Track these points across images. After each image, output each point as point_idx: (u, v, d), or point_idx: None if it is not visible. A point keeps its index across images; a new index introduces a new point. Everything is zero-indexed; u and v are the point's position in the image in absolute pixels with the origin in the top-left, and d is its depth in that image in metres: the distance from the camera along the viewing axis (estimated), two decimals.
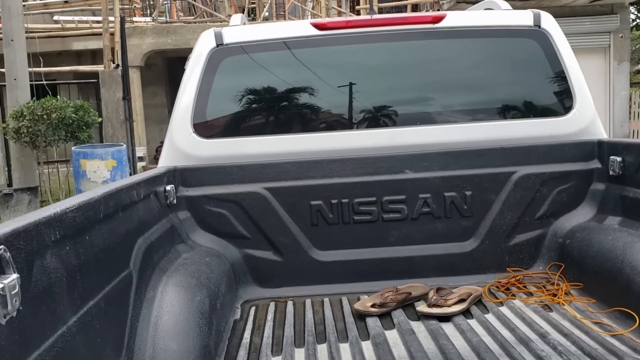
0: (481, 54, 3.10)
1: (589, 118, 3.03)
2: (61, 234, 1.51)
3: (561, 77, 3.01)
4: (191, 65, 3.00)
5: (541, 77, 3.04)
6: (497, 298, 2.71)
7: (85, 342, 1.57)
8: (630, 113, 13.12)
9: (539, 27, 3.02)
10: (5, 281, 1.18)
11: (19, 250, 1.28)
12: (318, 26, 2.99)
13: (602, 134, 3.05)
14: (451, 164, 2.95)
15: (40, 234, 1.40)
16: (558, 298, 2.62)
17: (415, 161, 2.94)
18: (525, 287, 2.81)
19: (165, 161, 3.00)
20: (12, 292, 1.19)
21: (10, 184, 9.82)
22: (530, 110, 3.05)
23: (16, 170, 9.23)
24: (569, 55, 3.02)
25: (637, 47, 21.47)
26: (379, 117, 3.06)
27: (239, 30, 3.07)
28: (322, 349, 2.30)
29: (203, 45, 3.01)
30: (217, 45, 2.98)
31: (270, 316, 2.65)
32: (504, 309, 2.58)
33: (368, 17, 3.10)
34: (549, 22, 3.05)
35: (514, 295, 2.73)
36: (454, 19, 3.02)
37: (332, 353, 2.24)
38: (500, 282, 2.85)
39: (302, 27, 3.02)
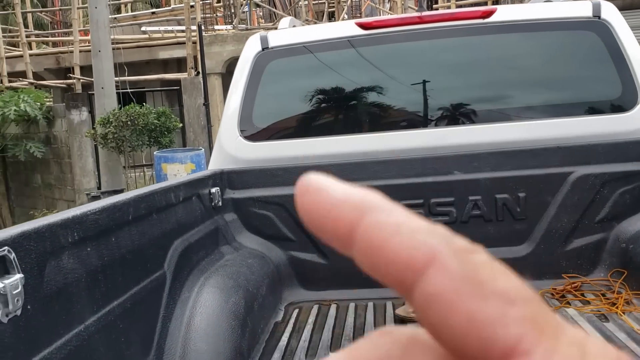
0: (535, 49, 2.95)
1: None
2: (81, 236, 1.57)
3: (625, 70, 2.80)
4: (239, 69, 3.05)
5: (602, 71, 2.85)
6: (550, 306, 2.56)
7: (105, 341, 1.62)
8: None
9: (599, 17, 2.83)
10: (7, 281, 1.23)
11: (28, 251, 1.33)
12: (363, 26, 2.95)
13: None
14: (503, 165, 2.82)
15: (55, 235, 1.46)
16: (616, 307, 2.44)
17: (464, 162, 2.84)
18: (582, 294, 2.64)
19: (214, 164, 3.06)
20: (14, 292, 1.24)
21: (99, 187, 10.40)
22: (590, 106, 2.86)
23: (104, 174, 9.75)
24: (633, 47, 2.81)
25: None
26: (427, 117, 2.98)
27: (284, 34, 3.09)
28: None
29: (249, 50, 3.04)
30: (263, 49, 3.01)
31: (311, 319, 2.64)
32: None
33: (417, 14, 3.02)
34: (610, 12, 2.85)
35: (568, 303, 2.57)
36: (505, 12, 2.89)
37: None
38: (555, 289, 2.70)
39: (347, 28, 2.99)
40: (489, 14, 2.87)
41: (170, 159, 8.83)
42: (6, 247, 1.26)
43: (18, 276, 1.26)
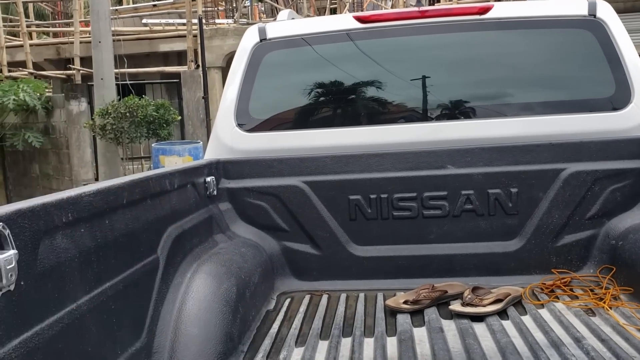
0: (531, 46, 2.97)
1: None
2: (75, 217, 1.59)
3: (618, 69, 2.83)
4: (236, 60, 3.07)
5: (596, 70, 2.88)
6: (539, 300, 2.59)
7: (96, 321, 1.64)
8: None
9: (594, 16, 2.86)
10: (1, 256, 1.25)
11: (22, 228, 1.35)
12: (361, 19, 2.97)
13: None
14: (496, 160, 2.84)
15: (49, 214, 1.48)
16: (604, 302, 2.47)
17: (457, 156, 2.86)
18: (571, 290, 2.67)
19: (210, 154, 3.08)
20: (8, 267, 1.26)
21: (97, 179, 10.41)
22: (584, 104, 2.89)
23: (102, 165, 9.76)
24: (628, 46, 2.84)
25: None
26: (422, 111, 3.00)
27: (282, 25, 3.11)
28: (345, 343, 2.28)
29: (247, 41, 3.07)
30: (261, 40, 3.03)
31: (302, 308, 2.66)
32: (543, 312, 2.46)
33: (415, 9, 3.04)
34: (605, 11, 2.88)
35: (557, 297, 2.60)
36: (502, 9, 2.91)
37: (355, 347, 2.22)
38: (544, 283, 2.72)
39: (344, 21, 3.01)
40: (486, 10, 2.89)
41: (168, 152, 8.85)
42: (1, 223, 1.28)
43: (12, 252, 1.28)
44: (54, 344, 1.40)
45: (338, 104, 3.09)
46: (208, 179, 2.77)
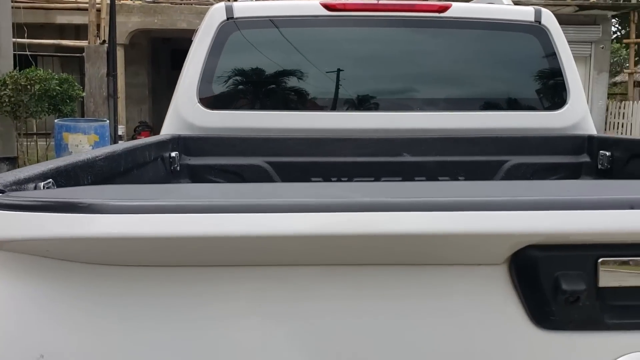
0: (482, 46, 3.19)
1: (581, 114, 3.14)
2: (90, 182, 1.56)
3: (557, 73, 3.12)
4: (200, 36, 3.03)
5: (538, 72, 3.15)
6: None
7: None
8: (606, 123, 13.46)
9: (539, 23, 3.13)
10: None
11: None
12: (327, 6, 3.04)
13: (592, 129, 3.18)
14: (447, 150, 3.03)
15: (77, 177, 1.44)
16: None
17: (413, 145, 3.02)
18: None
19: (168, 129, 3.02)
20: None
21: None
22: (526, 102, 3.16)
23: None
24: (566, 53, 3.13)
25: (615, 59, 21.95)
26: (380, 100, 3.14)
27: (248, 6, 3.12)
28: None
29: (213, 17, 3.04)
30: (227, 19, 3.02)
31: None
32: None
33: (375, 1, 3.16)
34: (549, 19, 3.15)
35: None
36: (459, 10, 3.10)
37: None
38: None
39: (311, 7, 3.07)
40: (445, 9, 3.07)
41: (73, 129, 8.43)
42: (50, 180, 1.25)
43: None
44: None
45: (302, 88, 3.14)
46: (173, 154, 2.74)
